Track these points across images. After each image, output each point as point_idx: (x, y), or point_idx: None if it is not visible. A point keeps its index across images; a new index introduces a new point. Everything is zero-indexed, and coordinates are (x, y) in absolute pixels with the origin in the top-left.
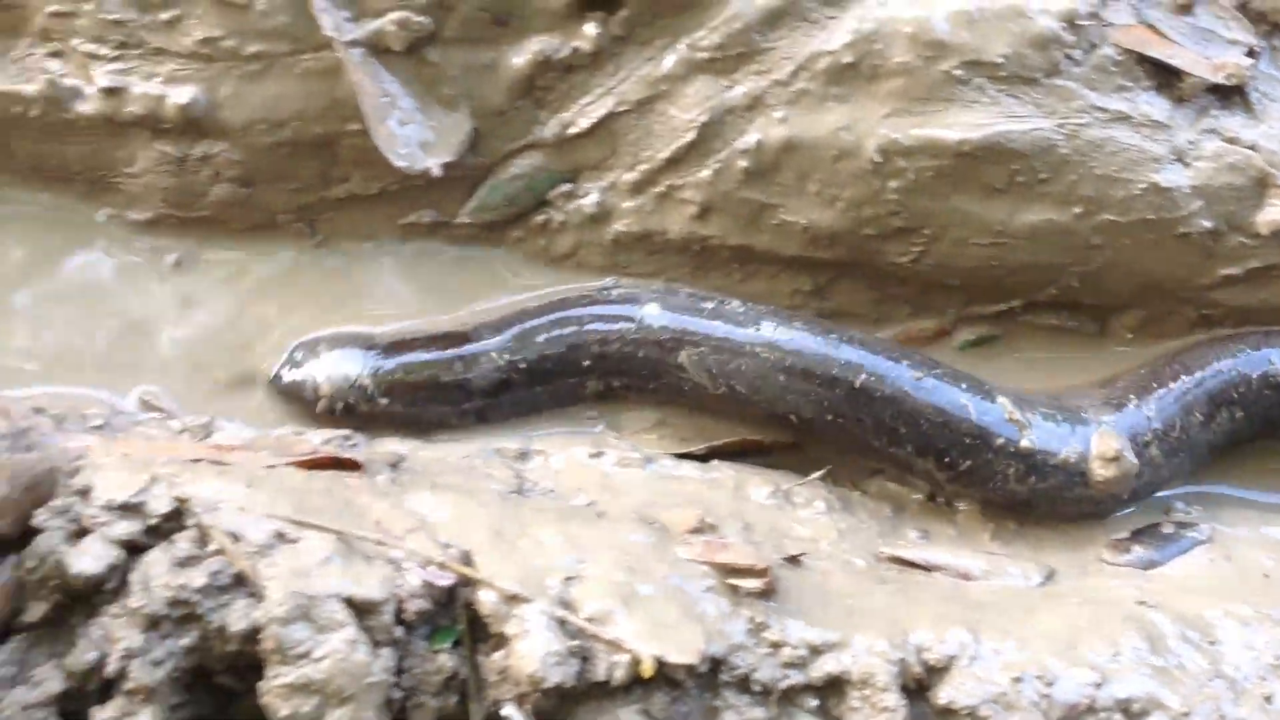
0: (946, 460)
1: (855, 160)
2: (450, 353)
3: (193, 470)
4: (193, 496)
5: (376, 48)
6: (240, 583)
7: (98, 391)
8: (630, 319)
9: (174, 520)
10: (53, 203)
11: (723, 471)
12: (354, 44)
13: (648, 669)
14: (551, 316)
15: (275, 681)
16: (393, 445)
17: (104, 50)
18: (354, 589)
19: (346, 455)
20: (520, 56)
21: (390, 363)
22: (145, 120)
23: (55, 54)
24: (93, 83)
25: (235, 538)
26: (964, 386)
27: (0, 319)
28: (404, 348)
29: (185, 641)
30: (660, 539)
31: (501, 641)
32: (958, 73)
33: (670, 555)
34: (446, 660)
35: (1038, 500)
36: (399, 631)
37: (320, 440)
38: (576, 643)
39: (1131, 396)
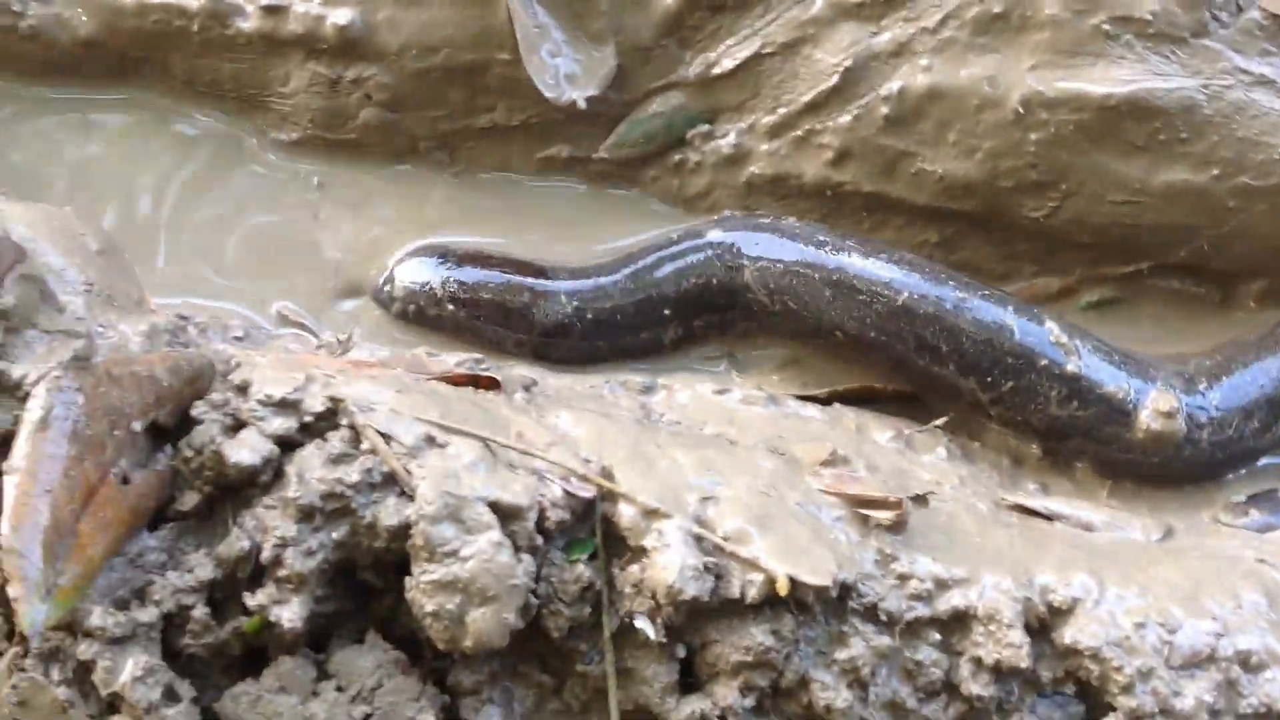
0: (989, 380)
1: (997, 111)
2: (522, 280)
3: (345, 374)
4: (347, 397)
5: None
6: (391, 481)
7: (234, 305)
8: (698, 249)
9: (327, 419)
10: (202, 119)
11: (845, 414)
12: None
13: (783, 587)
14: (626, 271)
15: (422, 578)
16: (523, 370)
17: None
18: (500, 494)
19: (484, 374)
20: None
21: (460, 274)
22: (303, 39)
23: None
24: (255, 0)
25: (387, 438)
26: (1011, 309)
27: (146, 231)
28: (477, 262)
29: (336, 535)
30: (790, 469)
31: (637, 555)
32: (1106, 27)
33: (801, 484)
34: (583, 571)
35: (1075, 429)
36: (539, 540)
37: (454, 361)
38: (712, 559)
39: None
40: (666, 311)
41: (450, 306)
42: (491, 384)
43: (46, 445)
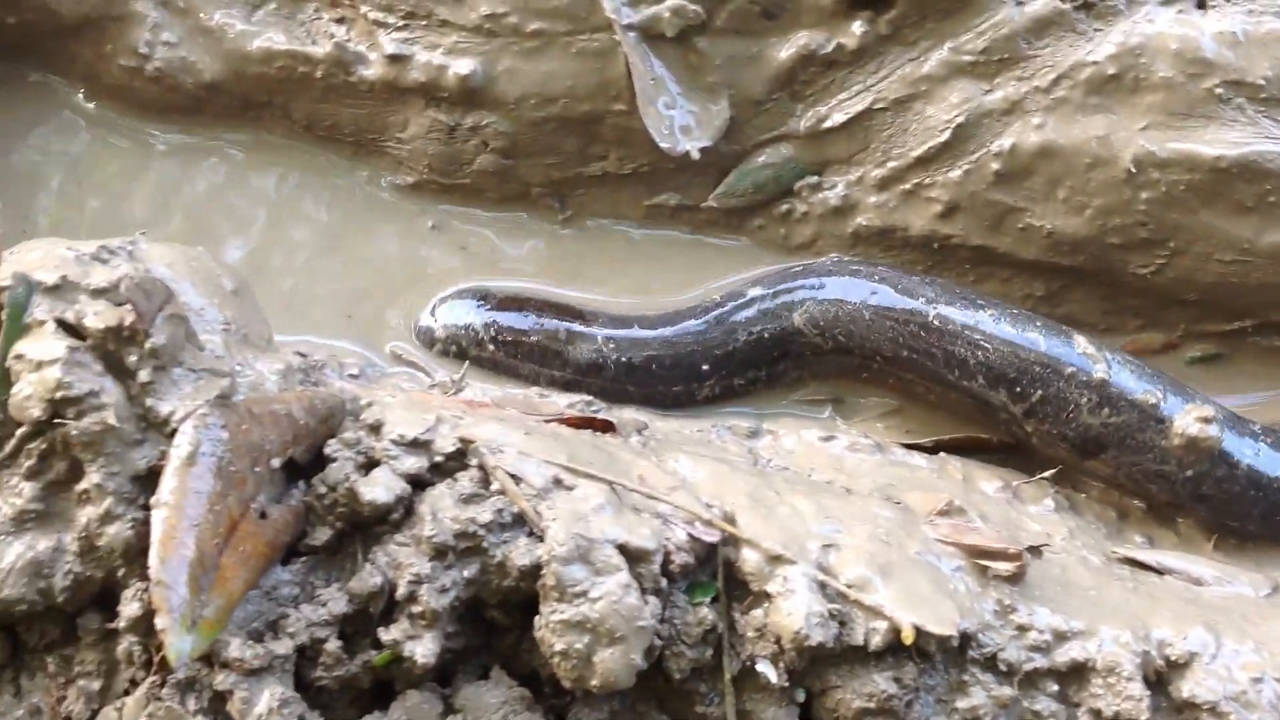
0: (1018, 390)
1: (1109, 169)
2: (561, 325)
3: (473, 415)
4: (477, 438)
5: (650, 33)
6: (520, 522)
7: (347, 344)
8: (743, 307)
9: (457, 459)
10: (322, 161)
11: (951, 463)
12: (630, 27)
13: (908, 636)
14: (668, 332)
15: (552, 617)
16: (632, 413)
17: (391, 19)
18: (628, 537)
19: (609, 417)
20: (785, 50)
21: (500, 316)
22: (424, 88)
23: (340, 20)
24: (379, 49)
25: (517, 479)
26: (1038, 325)
27: (260, 269)
28: (515, 305)
29: (467, 573)
30: (906, 518)
31: (760, 600)
32: (1219, 91)
33: (918, 533)
34: (706, 613)
35: (1110, 438)
36: (663, 582)
37: (565, 403)
38: (836, 606)
39: None
40: (705, 368)
41: (490, 347)
42: (606, 426)
43: (193, 481)
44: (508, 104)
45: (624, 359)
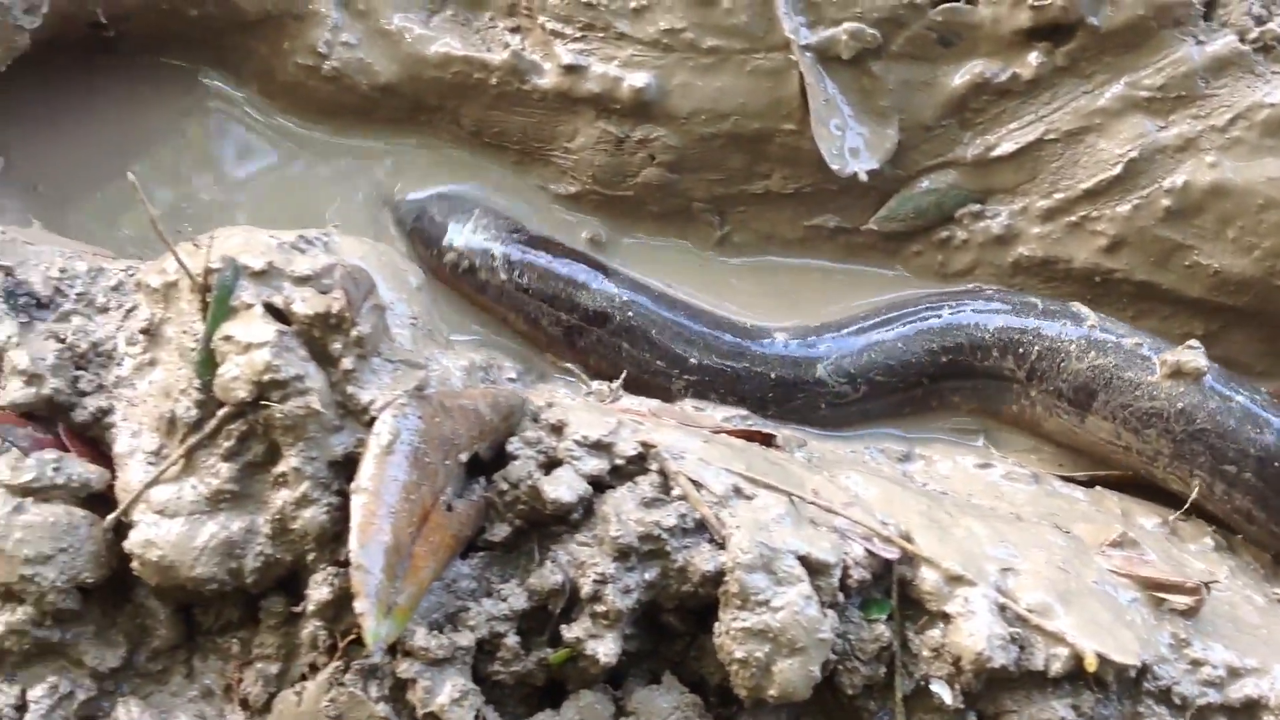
0: (1020, 352)
1: None
2: (579, 272)
3: (651, 420)
4: (658, 443)
5: (826, 54)
6: (701, 528)
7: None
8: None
9: (637, 463)
10: (486, 167)
11: (1108, 497)
12: (808, 48)
13: (1091, 663)
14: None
15: (733, 624)
16: (789, 430)
17: (569, 30)
18: (809, 549)
19: (768, 430)
20: (958, 77)
21: (523, 248)
22: (597, 99)
23: (516, 28)
24: (555, 59)
25: (698, 485)
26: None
27: None
28: (541, 244)
29: (649, 576)
30: (1078, 547)
31: (936, 620)
32: None
33: (1091, 563)
34: (882, 630)
35: (1099, 380)
36: (840, 597)
37: (721, 416)
38: (1016, 630)
39: None
40: (692, 361)
41: (503, 275)
42: (768, 439)
43: (391, 469)
44: (679, 118)
45: (631, 320)
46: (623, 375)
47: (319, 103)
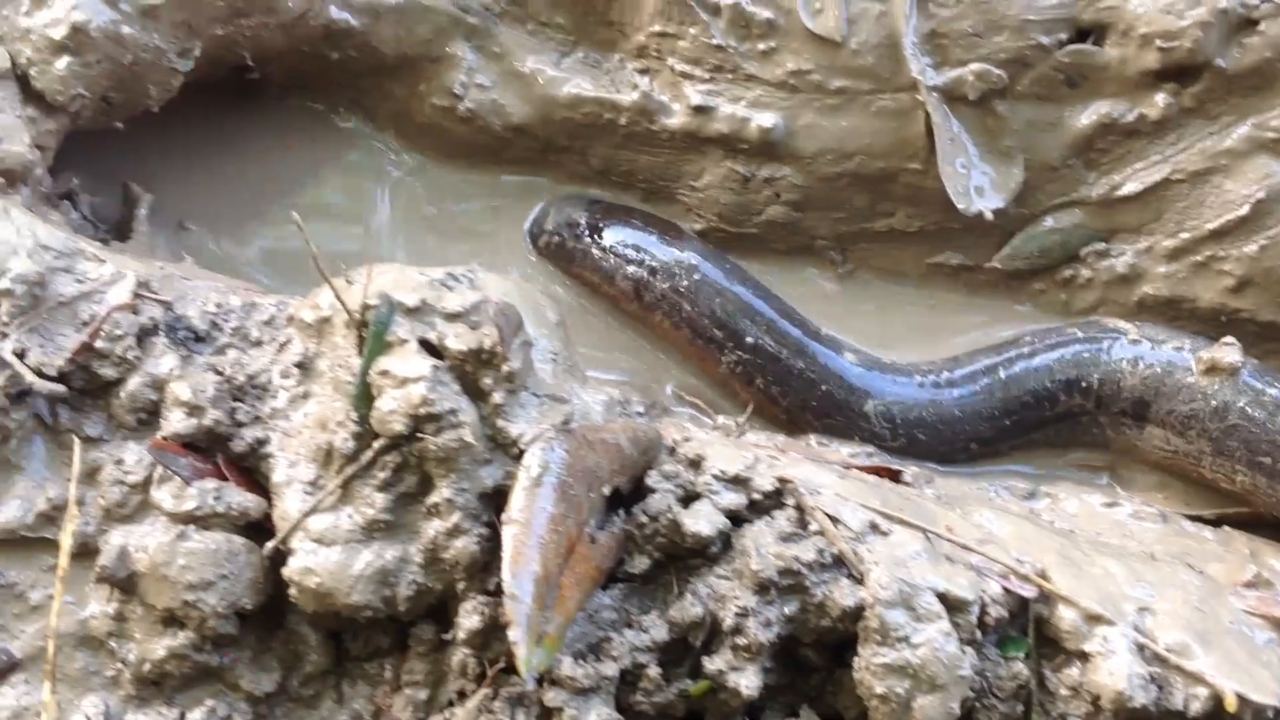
0: (1084, 386)
1: None
2: (654, 234)
3: (786, 456)
4: (794, 479)
5: (952, 95)
6: (839, 563)
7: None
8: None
9: (774, 498)
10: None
11: (1236, 537)
12: (934, 89)
13: (1231, 704)
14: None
15: (873, 660)
16: (915, 467)
17: (698, 72)
18: (947, 585)
19: (895, 465)
20: (1084, 118)
21: (602, 214)
22: (725, 139)
23: (645, 70)
24: (684, 100)
25: (835, 521)
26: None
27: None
28: (621, 212)
29: (788, 610)
30: (1211, 587)
31: (1074, 658)
32: None
33: (1226, 603)
34: (1020, 668)
35: (1149, 389)
36: (978, 634)
37: (847, 451)
38: (1154, 669)
39: None
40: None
41: (587, 238)
42: (895, 475)
43: (540, 500)
44: (805, 158)
45: (690, 288)
46: (749, 410)
47: (453, 143)
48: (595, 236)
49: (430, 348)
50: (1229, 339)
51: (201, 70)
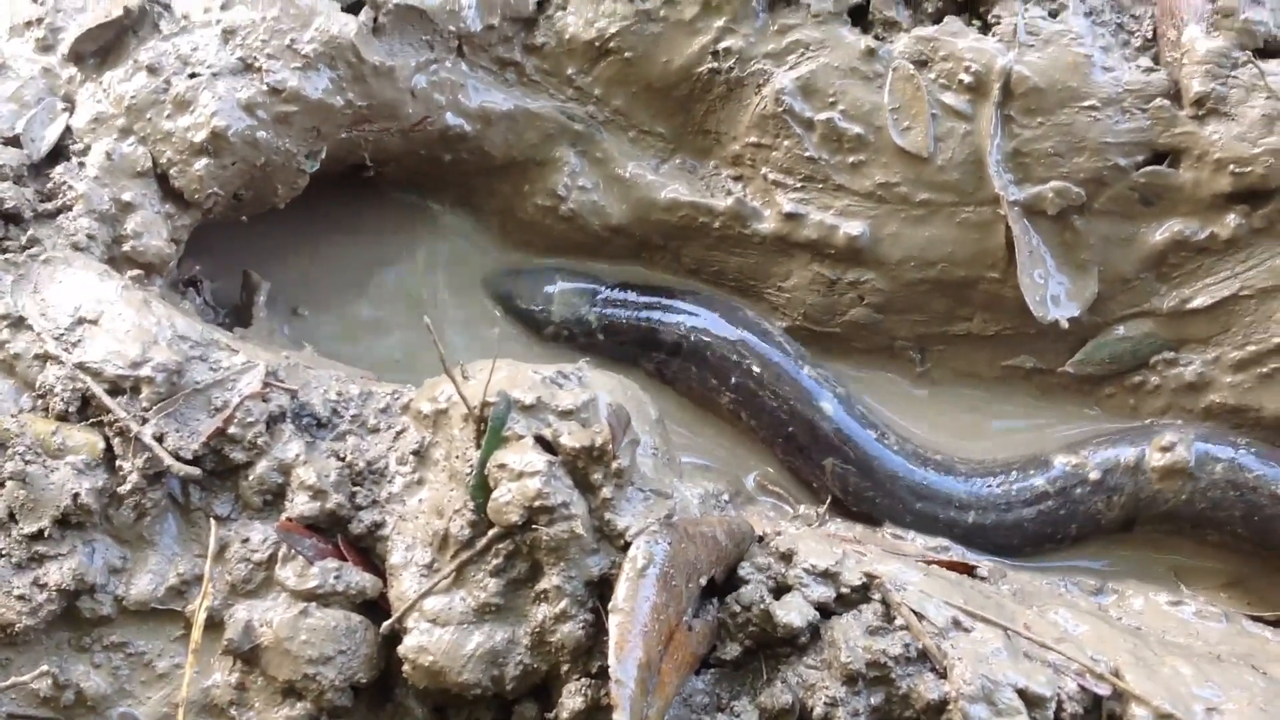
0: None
1: None
2: (654, 313)
3: (869, 549)
4: (882, 574)
5: (1032, 209)
6: (923, 658)
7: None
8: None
9: (860, 592)
10: None
11: None
12: (1015, 203)
13: None
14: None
15: None
16: (989, 562)
17: (790, 180)
18: (1026, 682)
19: (970, 560)
20: (1158, 235)
21: (610, 311)
22: (813, 244)
23: (739, 177)
24: (776, 206)
25: (920, 616)
26: None
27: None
28: (621, 304)
29: (874, 701)
30: (1274, 689)
31: None
32: None
33: None
34: None
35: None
36: None
37: (924, 544)
38: None
39: None
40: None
41: (600, 337)
42: (970, 570)
43: (644, 590)
44: (889, 264)
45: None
46: (828, 501)
47: (553, 239)
48: (607, 337)
49: (545, 443)
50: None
51: (320, 169)
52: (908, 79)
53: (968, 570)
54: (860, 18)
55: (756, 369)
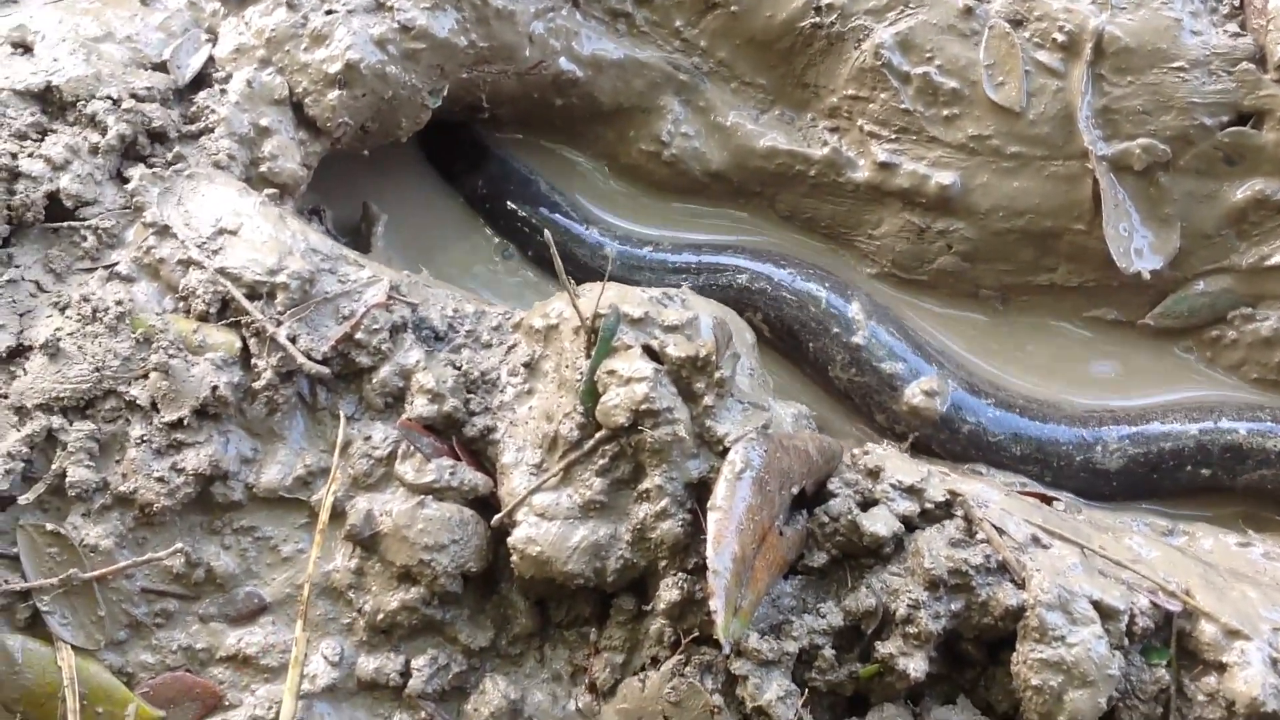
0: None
1: None
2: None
3: (957, 471)
4: (965, 492)
5: (1119, 165)
6: (1003, 569)
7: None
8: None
9: (943, 508)
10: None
11: None
12: (1104, 158)
13: None
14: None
15: (1031, 655)
16: (1065, 499)
17: (884, 132)
18: (1101, 595)
19: (1049, 494)
20: (1239, 193)
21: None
22: (905, 193)
23: (835, 128)
24: (870, 156)
25: (1000, 531)
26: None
27: None
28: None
29: (954, 606)
30: None
31: (1211, 669)
32: None
33: None
34: (1163, 674)
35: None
36: (1125, 641)
37: (1002, 480)
38: None
39: None
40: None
41: None
42: (1048, 502)
43: (740, 491)
44: (977, 214)
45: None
46: (911, 437)
47: (655, 182)
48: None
49: (652, 353)
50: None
51: (440, 108)
52: (1003, 36)
53: (1045, 501)
54: None
55: None
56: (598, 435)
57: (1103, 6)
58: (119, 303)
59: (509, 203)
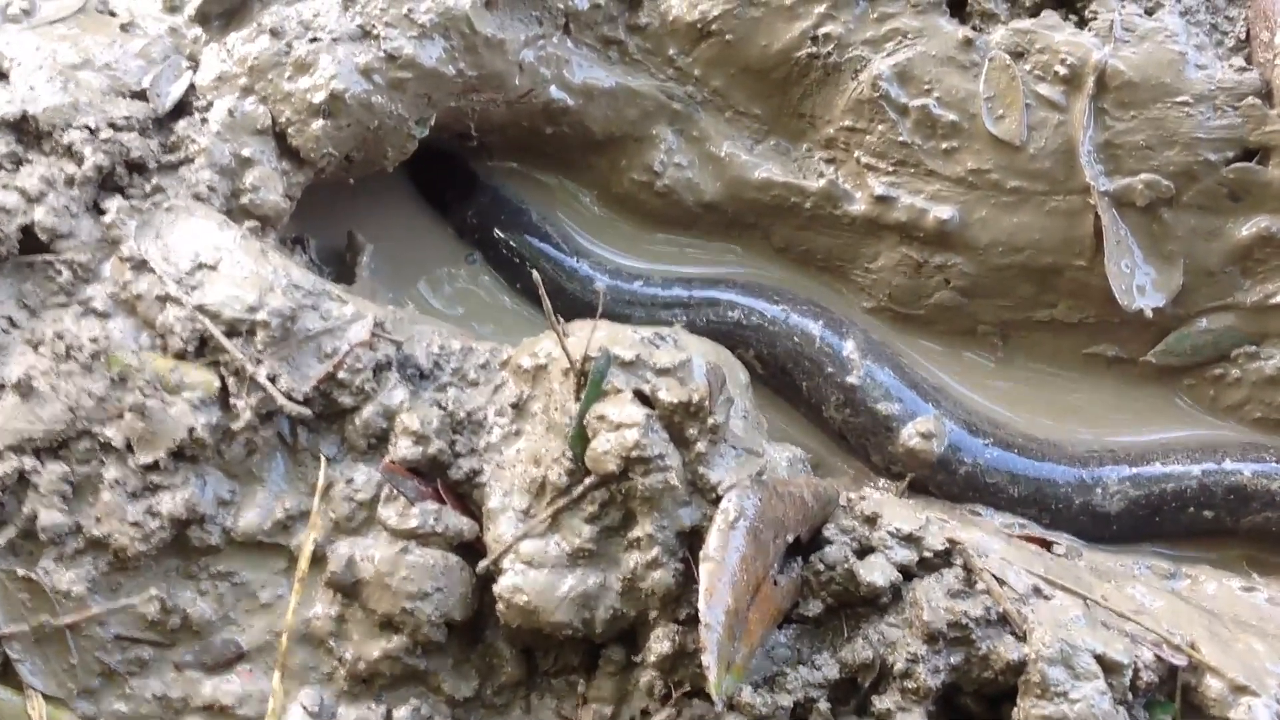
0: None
1: None
2: None
3: (956, 518)
4: (964, 541)
5: (1121, 200)
6: (1003, 621)
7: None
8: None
9: (943, 557)
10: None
11: None
12: (1106, 194)
13: None
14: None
15: (1032, 711)
16: (1065, 543)
17: (882, 164)
18: (1103, 648)
19: (1048, 537)
20: (1244, 230)
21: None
22: (902, 227)
23: (831, 160)
24: (867, 189)
25: (1001, 582)
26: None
27: None
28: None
29: (954, 660)
30: None
31: None
32: None
33: None
34: None
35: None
36: (1129, 695)
37: (1000, 522)
38: None
39: None
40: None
41: None
42: (1047, 546)
43: (734, 541)
44: (976, 249)
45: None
46: (908, 478)
47: (647, 213)
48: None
49: (643, 398)
50: (931, 425)
51: (428, 135)
52: (1004, 69)
53: (1045, 546)
54: (958, 9)
55: None
56: (587, 481)
57: (1105, 39)
58: (94, 340)
59: (498, 232)
